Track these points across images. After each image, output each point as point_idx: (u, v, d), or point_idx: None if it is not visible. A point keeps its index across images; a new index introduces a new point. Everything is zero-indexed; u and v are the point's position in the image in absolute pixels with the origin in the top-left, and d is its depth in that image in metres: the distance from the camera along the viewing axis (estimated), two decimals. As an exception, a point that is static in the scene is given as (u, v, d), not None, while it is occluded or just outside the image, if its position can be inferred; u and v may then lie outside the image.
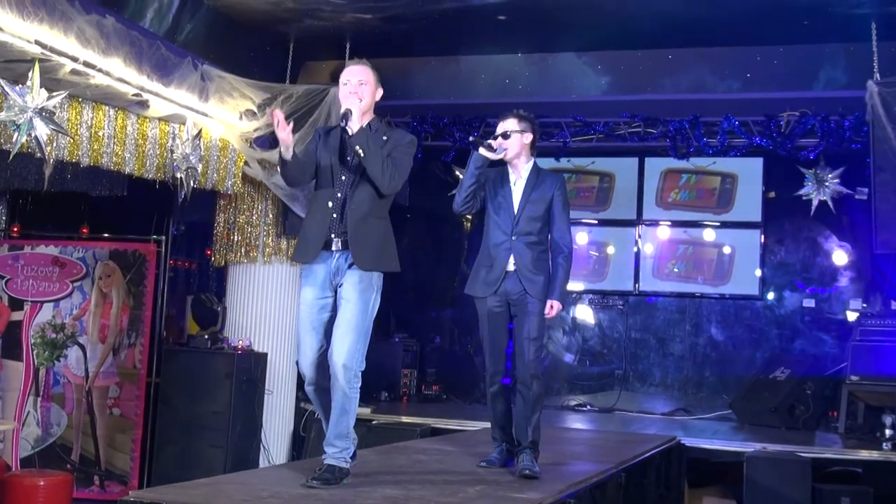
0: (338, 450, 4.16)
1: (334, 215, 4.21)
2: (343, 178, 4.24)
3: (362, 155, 4.12)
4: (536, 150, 5.10)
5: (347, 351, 4.12)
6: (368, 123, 4.24)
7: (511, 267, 4.84)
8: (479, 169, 4.82)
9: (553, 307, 4.80)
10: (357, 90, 4.23)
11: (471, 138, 8.91)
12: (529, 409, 4.81)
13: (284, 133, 4.09)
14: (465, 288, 5.03)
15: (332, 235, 4.20)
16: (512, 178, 4.96)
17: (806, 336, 9.56)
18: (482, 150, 4.78)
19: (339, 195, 4.23)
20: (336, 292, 4.26)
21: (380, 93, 4.36)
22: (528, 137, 4.95)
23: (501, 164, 4.99)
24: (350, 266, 4.18)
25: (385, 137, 4.27)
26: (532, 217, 4.87)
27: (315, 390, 4.31)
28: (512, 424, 4.96)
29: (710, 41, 8.15)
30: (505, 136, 4.85)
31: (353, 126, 4.15)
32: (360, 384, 4.21)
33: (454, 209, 5.02)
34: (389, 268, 4.28)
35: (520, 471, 4.67)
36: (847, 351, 8.30)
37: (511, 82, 8.63)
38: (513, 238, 4.85)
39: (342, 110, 4.20)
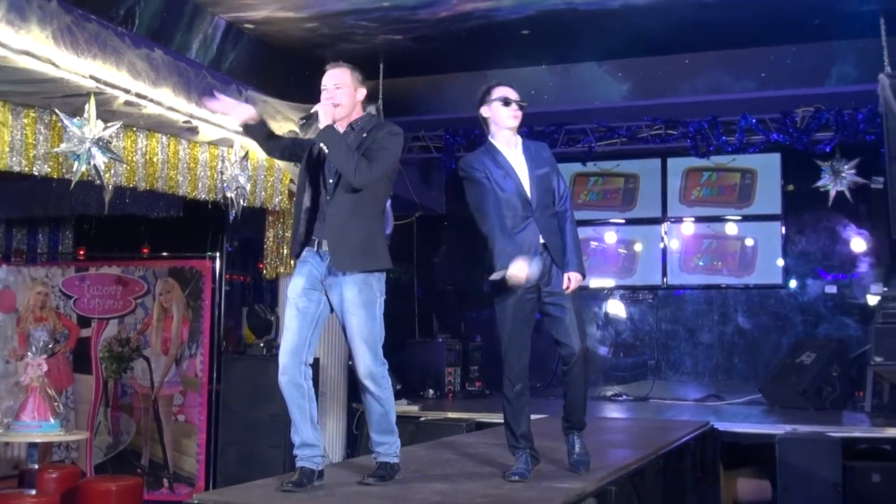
0: (387, 445, 4.09)
1: (316, 215, 4.04)
2: (331, 181, 4.04)
3: (326, 151, 3.94)
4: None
5: (369, 361, 3.99)
6: (350, 124, 4.08)
7: (542, 240, 4.31)
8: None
9: (575, 279, 4.29)
10: (333, 94, 4.05)
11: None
12: (583, 382, 4.40)
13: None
14: (486, 286, 4.38)
15: (320, 236, 4.01)
16: (508, 154, 4.41)
17: (829, 321, 9.46)
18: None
19: (324, 198, 4.05)
20: (325, 290, 4.04)
21: (361, 92, 4.13)
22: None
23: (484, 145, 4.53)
24: (334, 271, 3.99)
25: (365, 135, 4.05)
26: (542, 188, 4.37)
27: (288, 382, 4.01)
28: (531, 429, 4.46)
29: (724, 44, 8.08)
30: (521, 105, 4.45)
31: (321, 122, 3.95)
32: (389, 381, 4.08)
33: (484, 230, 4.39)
34: (374, 266, 4.01)
35: (573, 459, 4.43)
36: (870, 334, 8.18)
37: (537, 93, 8.57)
38: (535, 215, 4.33)
39: (311, 112, 4.02)
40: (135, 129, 6.45)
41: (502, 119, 4.43)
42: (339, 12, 7.30)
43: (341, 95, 4.06)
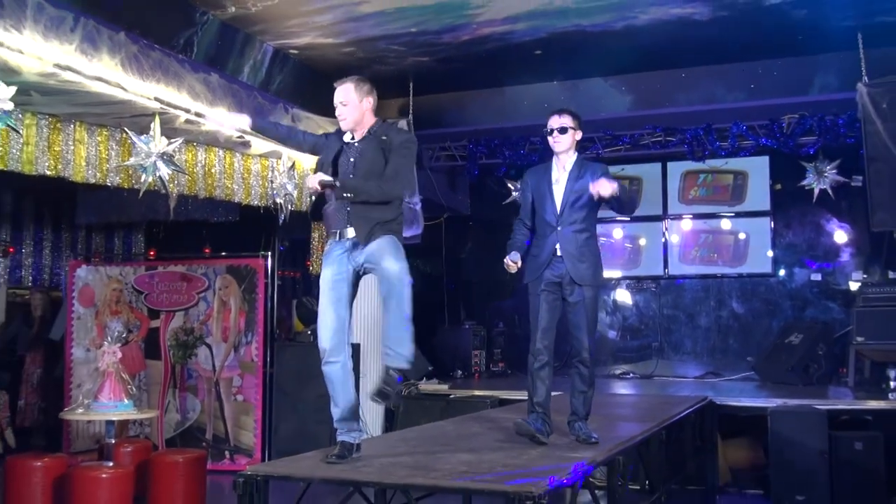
0: (395, 353, 3.86)
1: (347, 208, 3.90)
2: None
3: (351, 196, 3.84)
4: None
5: (401, 268, 3.81)
6: (369, 129, 4.00)
7: (558, 252, 4.49)
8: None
9: (607, 185, 4.32)
10: (340, 112, 3.99)
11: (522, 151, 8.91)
12: (587, 385, 4.55)
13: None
14: (524, 278, 4.66)
15: (346, 226, 3.92)
16: (555, 173, 4.62)
17: (815, 305, 9.35)
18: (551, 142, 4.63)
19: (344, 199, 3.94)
20: (353, 269, 3.95)
21: (368, 101, 4.02)
22: (579, 134, 4.66)
23: (549, 160, 4.72)
24: (363, 244, 3.88)
25: (384, 137, 3.97)
26: (576, 205, 4.50)
27: (333, 367, 3.93)
28: (549, 399, 4.59)
29: (716, 59, 8.02)
30: (562, 130, 4.59)
31: (338, 182, 3.85)
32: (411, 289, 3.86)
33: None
34: (390, 231, 3.94)
35: (580, 438, 4.47)
36: (852, 316, 8.06)
37: (549, 106, 8.43)
38: (558, 228, 4.50)
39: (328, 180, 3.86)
40: (195, 144, 6.49)
41: (550, 145, 4.66)
42: (373, 37, 7.31)
43: (346, 112, 3.98)
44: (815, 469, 6.67)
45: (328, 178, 3.87)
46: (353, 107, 3.98)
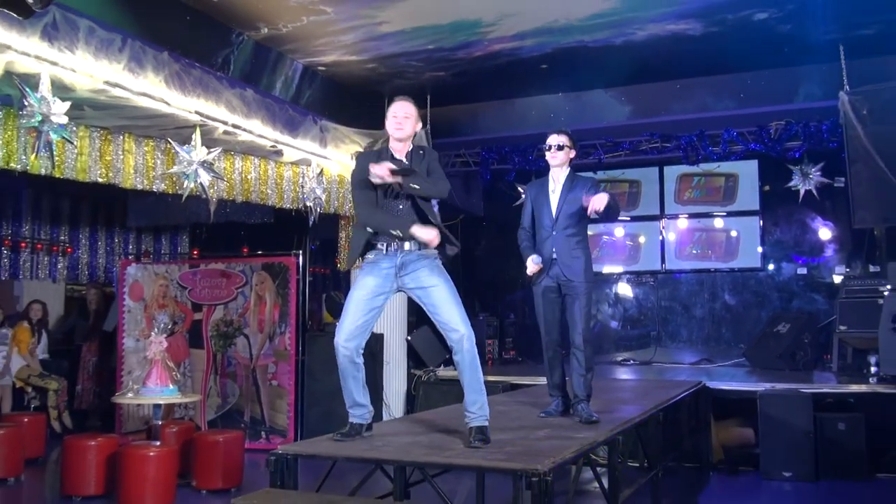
0: (479, 405, 3.77)
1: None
2: (400, 207, 3.86)
3: (416, 188, 3.78)
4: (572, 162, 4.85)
5: (462, 320, 3.76)
6: (413, 145, 3.98)
7: (554, 256, 4.65)
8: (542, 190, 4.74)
9: (600, 198, 4.39)
10: (402, 123, 3.92)
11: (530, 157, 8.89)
12: (584, 368, 4.60)
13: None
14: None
15: (397, 240, 3.83)
16: (552, 185, 4.75)
17: (801, 297, 9.29)
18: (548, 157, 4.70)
19: (398, 208, 3.86)
20: (397, 286, 3.87)
21: (419, 124, 4.04)
22: (573, 153, 4.77)
23: (547, 173, 4.81)
24: (418, 259, 3.84)
25: (422, 152, 3.97)
26: (569, 213, 4.64)
27: (348, 358, 3.93)
28: (565, 383, 4.79)
29: (708, 71, 7.97)
30: (559, 148, 4.68)
31: (402, 180, 3.74)
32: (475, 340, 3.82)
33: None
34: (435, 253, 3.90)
35: (582, 418, 4.47)
36: (835, 307, 7.99)
37: (555, 116, 8.52)
38: (554, 233, 4.66)
39: (384, 171, 3.69)
40: (232, 153, 6.51)
41: (547, 160, 4.80)
42: (393, 54, 7.31)
43: (408, 124, 3.94)
44: (802, 447, 6.63)
45: (395, 166, 3.77)
46: (413, 120, 3.98)
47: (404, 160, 3.91)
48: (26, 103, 4.53)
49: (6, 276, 9.45)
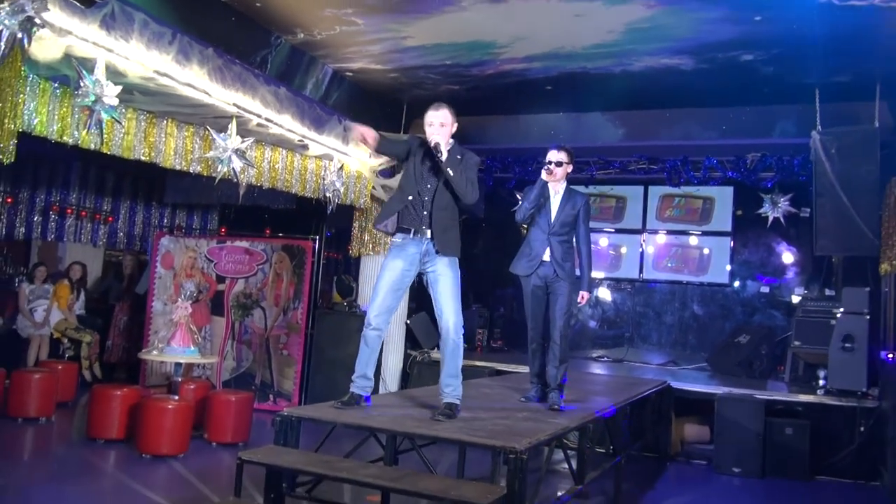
0: (452, 388, 3.87)
1: (423, 212, 3.90)
2: (428, 185, 3.93)
3: (451, 175, 3.84)
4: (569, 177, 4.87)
5: (454, 312, 3.85)
6: (448, 150, 3.97)
7: (547, 257, 4.67)
8: (544, 191, 4.67)
9: (584, 297, 4.68)
10: (438, 130, 3.95)
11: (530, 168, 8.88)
12: (558, 360, 4.64)
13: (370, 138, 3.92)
14: (510, 268, 4.83)
15: (423, 227, 3.89)
16: (551, 191, 4.76)
17: (762, 313, 9.27)
18: (544, 174, 4.61)
19: (423, 197, 3.92)
20: (421, 269, 3.95)
21: (455, 127, 4.04)
22: (570, 168, 4.78)
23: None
24: (437, 252, 3.92)
25: (459, 156, 3.98)
26: (564, 222, 4.70)
27: (377, 332, 3.94)
28: (545, 372, 4.81)
29: (695, 103, 7.93)
30: (558, 164, 4.69)
31: (444, 154, 3.86)
32: (463, 333, 3.92)
33: (518, 219, 4.81)
34: (458, 254, 4.01)
35: (550, 405, 4.53)
36: (792, 324, 7.99)
37: (555, 133, 8.49)
38: (549, 236, 4.69)
39: (432, 143, 3.88)
40: (263, 143, 6.49)
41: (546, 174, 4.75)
42: (414, 67, 7.29)
43: (445, 131, 3.97)
44: (751, 447, 6.64)
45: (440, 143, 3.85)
46: (449, 127, 4.00)
47: (441, 157, 3.91)
48: (82, 84, 4.52)
49: (52, 238, 9.44)
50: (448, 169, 3.86)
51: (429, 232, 3.92)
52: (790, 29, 5.76)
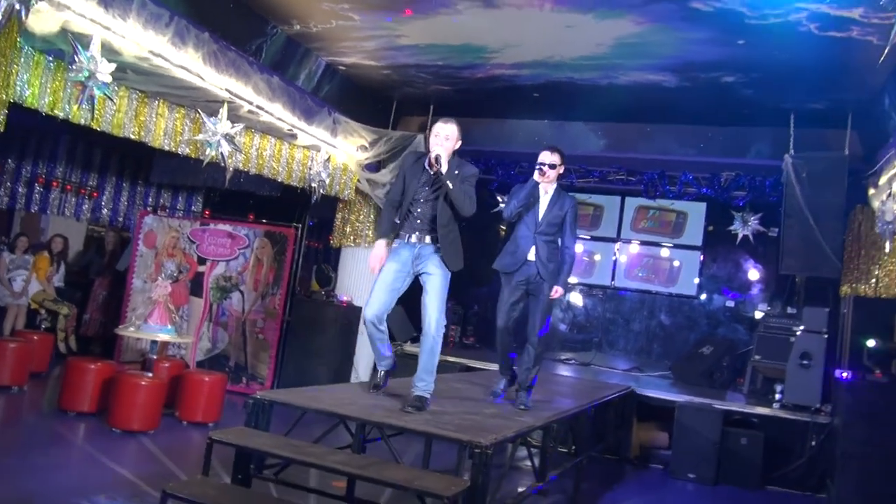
0: (425, 383, 3.94)
1: (417, 220, 3.98)
2: (421, 197, 3.99)
3: (451, 187, 3.88)
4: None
5: (438, 310, 3.92)
6: (449, 161, 4.00)
7: (532, 256, 4.60)
8: (534, 192, 4.61)
9: (557, 291, 4.58)
10: (443, 143, 3.98)
11: (513, 172, 8.89)
12: (532, 361, 4.61)
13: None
14: (494, 264, 4.77)
15: (416, 232, 3.98)
16: (541, 191, 4.68)
17: (726, 326, 9.37)
18: (536, 175, 4.57)
19: (416, 208, 4.00)
20: (413, 271, 4.03)
21: (458, 144, 4.08)
22: (562, 169, 4.71)
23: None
24: (430, 254, 3.98)
25: (457, 172, 4.00)
26: (551, 222, 4.63)
27: (374, 326, 4.00)
28: (512, 364, 4.76)
29: (675, 120, 8.02)
30: (552, 166, 4.62)
31: (444, 167, 3.89)
32: (444, 332, 3.98)
33: (505, 216, 4.74)
34: (460, 266, 4.07)
35: (519, 405, 4.52)
36: (754, 338, 8.09)
37: (538, 139, 8.51)
38: (535, 235, 4.62)
39: (433, 154, 3.91)
40: (253, 130, 6.46)
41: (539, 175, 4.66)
42: (406, 65, 7.27)
43: (449, 146, 4.00)
44: (707, 454, 6.73)
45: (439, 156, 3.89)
46: (453, 143, 4.03)
47: (442, 172, 3.95)
48: (76, 59, 4.46)
49: (36, 210, 9.30)
50: (447, 182, 3.91)
51: (424, 237, 3.99)
52: (771, 54, 5.84)
